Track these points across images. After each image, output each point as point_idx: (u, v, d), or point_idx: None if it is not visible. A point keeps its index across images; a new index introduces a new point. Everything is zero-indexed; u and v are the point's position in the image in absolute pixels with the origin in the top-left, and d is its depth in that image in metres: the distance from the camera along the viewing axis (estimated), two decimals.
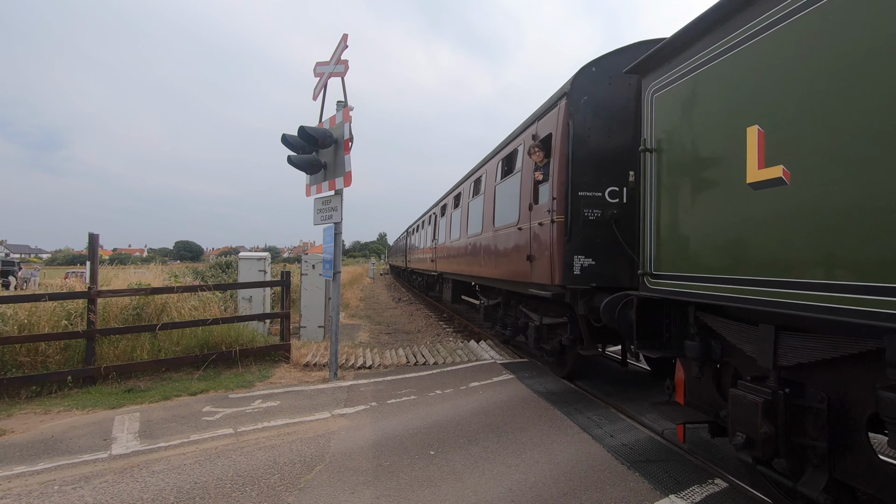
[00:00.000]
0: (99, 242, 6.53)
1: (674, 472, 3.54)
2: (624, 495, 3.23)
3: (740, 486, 3.35)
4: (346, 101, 6.66)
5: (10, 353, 5.99)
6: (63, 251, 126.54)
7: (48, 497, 3.22)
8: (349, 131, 6.39)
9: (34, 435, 4.43)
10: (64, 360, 6.24)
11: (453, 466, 3.68)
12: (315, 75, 7.09)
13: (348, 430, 4.48)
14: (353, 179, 6.33)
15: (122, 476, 3.52)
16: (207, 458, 3.84)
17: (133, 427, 4.57)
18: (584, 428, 4.45)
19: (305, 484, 3.39)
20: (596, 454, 3.89)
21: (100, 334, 6.34)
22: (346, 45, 6.52)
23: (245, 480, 3.45)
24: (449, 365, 7.19)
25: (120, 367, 6.25)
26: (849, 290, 2.13)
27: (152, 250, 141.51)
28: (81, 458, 3.86)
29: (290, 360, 7.25)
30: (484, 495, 3.24)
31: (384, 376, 6.54)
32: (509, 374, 6.44)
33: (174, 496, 3.22)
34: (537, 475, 3.52)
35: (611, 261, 4.99)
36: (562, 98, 5.30)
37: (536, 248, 5.74)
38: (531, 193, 5.97)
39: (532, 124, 6.26)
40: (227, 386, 6.02)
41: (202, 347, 6.95)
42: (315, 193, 7.04)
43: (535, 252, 5.80)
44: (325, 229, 6.98)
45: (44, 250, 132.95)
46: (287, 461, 3.76)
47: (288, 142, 6.57)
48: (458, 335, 10.87)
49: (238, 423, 4.64)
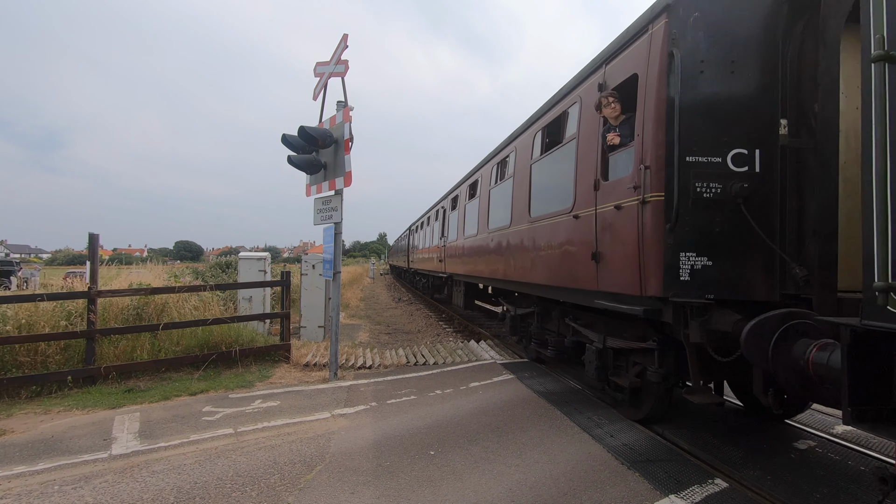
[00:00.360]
0: (99, 242, 6.54)
1: (674, 472, 3.54)
2: (624, 495, 3.23)
3: (740, 486, 3.35)
4: (346, 101, 6.66)
5: (10, 353, 5.98)
6: (63, 251, 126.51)
7: (48, 497, 3.22)
8: (349, 131, 6.39)
9: (34, 435, 4.43)
10: (64, 360, 6.24)
11: (453, 466, 3.68)
12: (315, 75, 7.10)
13: (348, 430, 4.48)
14: (353, 179, 6.33)
15: (122, 476, 3.52)
16: (207, 458, 3.83)
17: (133, 427, 4.57)
18: (584, 428, 4.45)
19: (305, 484, 3.39)
20: (596, 454, 3.89)
21: (100, 334, 6.34)
22: (346, 45, 6.52)
23: (245, 480, 3.45)
24: (449, 365, 7.19)
25: (120, 367, 6.25)
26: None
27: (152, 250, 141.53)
28: (81, 458, 3.86)
29: (290, 360, 7.25)
30: (484, 495, 3.24)
31: (384, 376, 6.54)
32: (509, 375, 6.44)
33: (174, 496, 3.22)
34: (537, 475, 3.52)
35: (738, 260, 3.47)
36: (659, 17, 3.65)
37: (609, 243, 4.22)
38: (597, 166, 4.43)
39: (596, 71, 4.70)
40: (227, 386, 6.02)
41: (202, 347, 6.95)
42: (315, 193, 7.05)
43: (605, 248, 4.27)
44: (325, 229, 6.98)
45: (44, 250, 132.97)
46: (287, 461, 3.76)
47: (288, 142, 6.57)
48: (458, 335, 10.87)
49: (238, 423, 4.63)
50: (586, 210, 4.61)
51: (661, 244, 3.49)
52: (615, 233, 4.13)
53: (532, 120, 6.45)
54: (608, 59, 4.48)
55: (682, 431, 4.44)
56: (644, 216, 3.66)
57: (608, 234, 4.24)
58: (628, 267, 3.89)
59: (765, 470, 3.68)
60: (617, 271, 4.11)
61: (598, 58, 4.70)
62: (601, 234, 4.35)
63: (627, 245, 3.90)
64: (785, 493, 3.29)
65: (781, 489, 3.36)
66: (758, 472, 3.64)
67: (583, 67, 5.12)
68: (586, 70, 4.96)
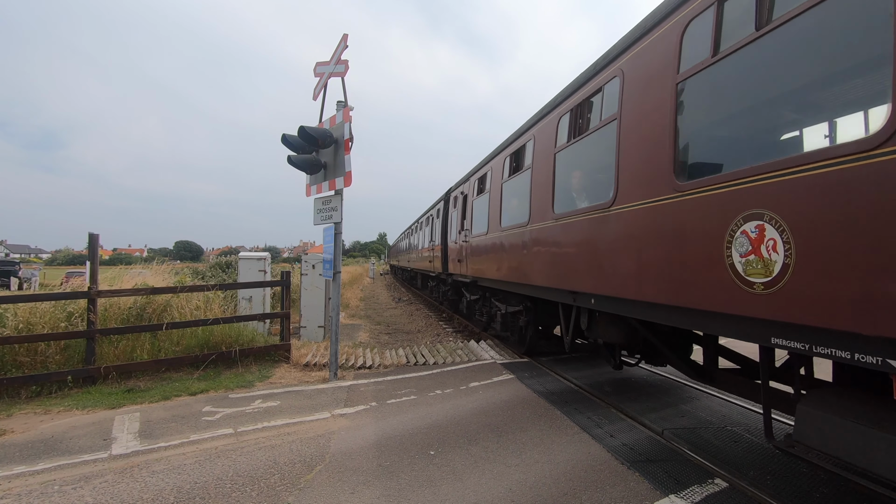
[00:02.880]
0: (99, 242, 6.53)
1: (674, 472, 3.54)
2: (624, 495, 3.23)
3: (740, 486, 3.35)
4: (346, 101, 6.66)
5: (10, 353, 5.99)
6: (63, 251, 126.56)
7: (48, 497, 3.22)
8: (349, 131, 6.39)
9: (34, 435, 4.43)
10: (64, 360, 6.24)
11: (453, 466, 3.68)
12: (315, 75, 7.10)
13: (348, 430, 4.48)
14: (353, 179, 6.34)
15: (122, 476, 3.52)
16: (207, 458, 3.84)
17: (133, 427, 4.57)
18: (584, 428, 4.45)
19: (305, 484, 3.39)
20: (596, 454, 3.89)
21: (100, 334, 6.34)
22: (346, 44, 6.52)
23: (245, 480, 3.45)
24: (449, 365, 7.19)
25: (120, 367, 6.25)
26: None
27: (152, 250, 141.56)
28: (81, 458, 3.86)
29: (290, 360, 7.25)
30: (484, 495, 3.24)
31: (384, 376, 6.54)
32: (509, 374, 6.44)
33: (174, 496, 3.22)
34: (537, 475, 3.52)
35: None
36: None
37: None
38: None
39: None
40: (227, 386, 6.02)
41: (202, 347, 6.95)
42: (315, 193, 7.05)
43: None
44: (325, 229, 6.98)
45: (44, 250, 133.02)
46: (287, 461, 3.76)
47: (288, 142, 6.57)
48: (458, 335, 10.86)
49: (238, 423, 4.64)
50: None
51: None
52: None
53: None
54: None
55: (682, 432, 4.44)
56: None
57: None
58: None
59: (765, 470, 3.68)
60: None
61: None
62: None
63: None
64: (785, 493, 3.29)
65: (781, 489, 3.36)
66: (758, 473, 3.64)
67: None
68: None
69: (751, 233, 2.72)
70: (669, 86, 3.50)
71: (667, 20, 3.61)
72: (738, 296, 2.81)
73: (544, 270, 5.69)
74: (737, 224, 2.81)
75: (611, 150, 4.26)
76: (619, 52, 4.32)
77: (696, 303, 3.17)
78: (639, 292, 3.79)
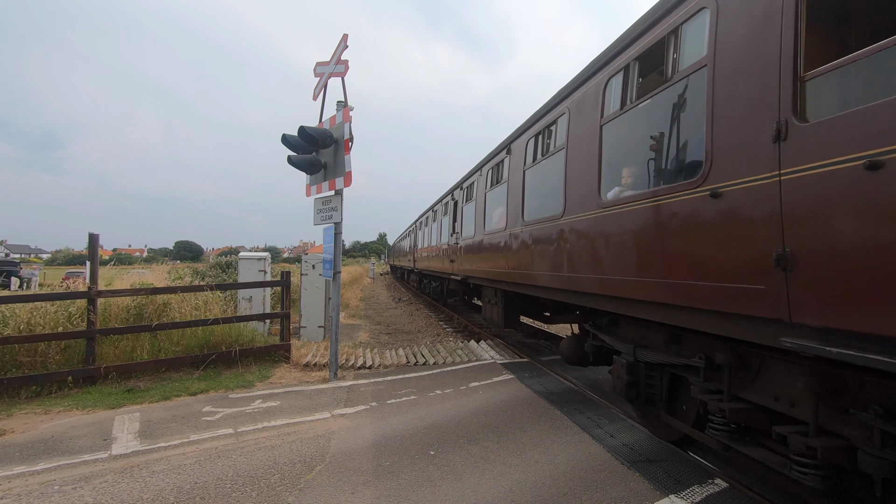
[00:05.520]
0: (99, 242, 6.54)
1: (674, 472, 3.54)
2: (624, 495, 3.23)
3: (740, 486, 3.35)
4: (346, 101, 6.66)
5: (10, 353, 5.99)
6: (63, 251, 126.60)
7: (48, 497, 3.22)
8: (349, 131, 6.39)
9: (34, 435, 4.43)
10: (64, 361, 6.24)
11: (453, 466, 3.68)
12: (315, 75, 7.10)
13: (348, 430, 4.48)
14: (353, 179, 6.33)
15: (122, 476, 3.52)
16: (207, 458, 3.84)
17: (133, 427, 4.57)
18: (584, 428, 4.45)
19: (305, 484, 3.39)
20: (596, 454, 3.89)
21: (100, 334, 6.34)
22: (346, 45, 6.52)
23: (245, 480, 3.45)
24: (449, 365, 7.19)
25: (120, 367, 6.25)
26: None
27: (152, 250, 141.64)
28: (81, 458, 3.86)
29: (290, 360, 7.25)
30: (484, 495, 3.24)
31: (384, 376, 6.54)
32: (509, 374, 6.44)
33: (174, 496, 3.22)
34: (537, 475, 3.52)
35: None
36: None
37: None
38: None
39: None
40: (227, 386, 6.02)
41: (202, 347, 6.95)
42: (315, 193, 7.05)
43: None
44: (325, 229, 6.98)
45: (44, 250, 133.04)
46: (287, 461, 3.76)
47: (288, 142, 6.57)
48: (458, 335, 10.86)
49: (238, 423, 4.64)
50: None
51: None
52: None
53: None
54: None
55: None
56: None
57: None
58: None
59: (764, 470, 3.68)
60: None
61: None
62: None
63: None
64: (785, 493, 3.29)
65: (781, 489, 3.36)
66: (758, 473, 3.64)
67: None
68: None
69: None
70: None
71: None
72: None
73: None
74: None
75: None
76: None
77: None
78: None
